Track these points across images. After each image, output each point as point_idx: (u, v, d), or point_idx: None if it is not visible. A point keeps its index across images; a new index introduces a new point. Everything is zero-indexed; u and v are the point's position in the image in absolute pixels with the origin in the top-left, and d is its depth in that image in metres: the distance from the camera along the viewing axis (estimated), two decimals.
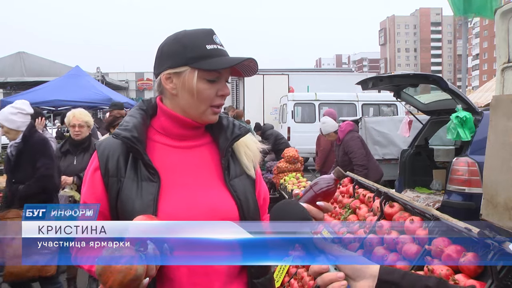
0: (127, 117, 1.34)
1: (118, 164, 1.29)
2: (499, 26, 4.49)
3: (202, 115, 1.32)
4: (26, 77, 13.70)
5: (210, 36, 1.31)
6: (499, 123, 3.54)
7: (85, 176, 1.36)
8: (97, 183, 1.29)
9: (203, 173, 1.34)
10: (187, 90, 1.29)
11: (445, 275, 1.73)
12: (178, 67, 1.29)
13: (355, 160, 5.42)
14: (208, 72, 1.28)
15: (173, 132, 1.35)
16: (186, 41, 1.30)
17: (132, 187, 1.26)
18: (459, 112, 4.87)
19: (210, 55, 1.28)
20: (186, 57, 1.28)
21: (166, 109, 1.34)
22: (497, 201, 3.49)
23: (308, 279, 3.04)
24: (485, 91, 13.48)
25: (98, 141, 1.36)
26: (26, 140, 3.59)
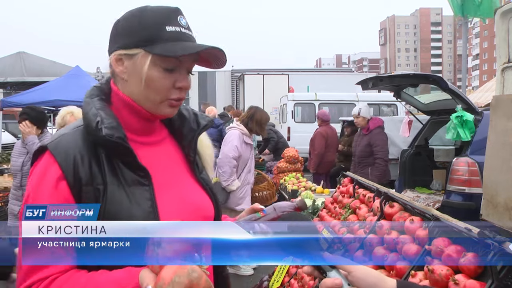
0: (100, 112, 1.09)
1: (92, 170, 1.05)
2: (499, 26, 4.49)
3: (156, 108, 1.13)
4: (26, 77, 13.69)
5: (173, 16, 1.10)
6: (499, 123, 3.54)
7: (34, 190, 1.04)
8: (63, 195, 1.02)
9: (174, 169, 1.21)
10: (138, 76, 1.09)
11: (445, 275, 1.72)
12: (130, 48, 1.09)
13: (380, 154, 5.55)
14: (164, 59, 1.07)
15: (134, 125, 1.15)
16: (144, 19, 1.09)
17: (121, 195, 1.06)
18: (459, 112, 4.87)
19: (169, 38, 1.07)
20: (140, 37, 1.08)
21: (122, 96, 1.13)
22: (497, 201, 3.49)
23: (308, 279, 3.03)
24: (485, 91, 13.47)
25: (50, 142, 1.08)
26: None
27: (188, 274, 0.87)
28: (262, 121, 4.74)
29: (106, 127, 1.06)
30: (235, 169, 4.60)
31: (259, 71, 17.94)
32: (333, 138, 7.85)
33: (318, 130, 7.87)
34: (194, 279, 0.87)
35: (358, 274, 0.96)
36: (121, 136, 1.07)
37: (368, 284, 0.94)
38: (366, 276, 0.95)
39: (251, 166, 4.83)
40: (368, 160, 5.71)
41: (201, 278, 0.88)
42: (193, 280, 0.87)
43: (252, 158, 4.87)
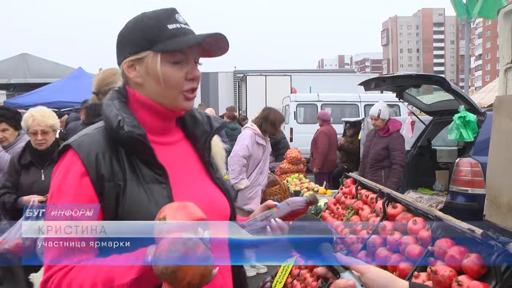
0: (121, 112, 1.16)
1: (113, 167, 1.11)
2: (502, 27, 4.48)
3: (174, 103, 1.19)
4: (29, 78, 13.73)
5: (172, 15, 1.18)
6: (502, 124, 3.53)
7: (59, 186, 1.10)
8: (86, 191, 1.08)
9: (191, 169, 1.26)
10: (152, 76, 1.16)
11: (448, 276, 1.72)
12: (139, 52, 1.16)
13: (398, 160, 5.33)
14: (172, 54, 1.14)
15: (152, 125, 1.21)
16: (145, 23, 1.17)
17: (139, 192, 1.11)
18: (462, 112, 4.86)
19: (173, 35, 1.14)
20: (145, 40, 1.15)
21: (141, 98, 1.19)
22: (500, 202, 3.48)
23: (310, 280, 3.03)
24: (488, 92, 13.45)
25: (73, 141, 1.14)
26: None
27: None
28: (276, 122, 4.77)
29: (127, 125, 1.12)
30: (245, 168, 4.63)
31: (261, 72, 17.94)
32: (334, 137, 7.89)
33: (320, 129, 7.89)
34: (190, 247, 0.89)
35: (371, 276, 0.97)
36: (141, 134, 1.13)
37: (380, 285, 0.95)
38: (379, 278, 0.96)
39: (264, 168, 4.84)
40: (383, 163, 5.45)
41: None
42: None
43: (266, 160, 4.87)
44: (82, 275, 1.00)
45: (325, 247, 1.02)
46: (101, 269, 0.99)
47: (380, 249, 2.32)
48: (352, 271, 0.98)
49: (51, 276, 1.03)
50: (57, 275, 1.02)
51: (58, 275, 1.02)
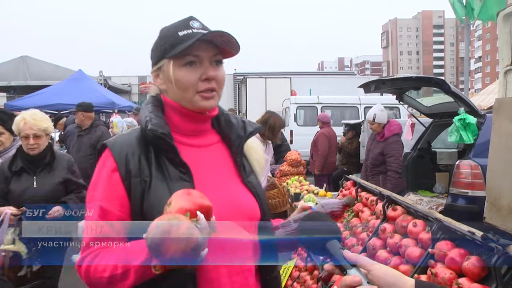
0: (150, 114, 1.26)
1: (141, 164, 1.21)
2: (502, 29, 4.48)
3: (192, 103, 1.26)
4: (30, 81, 13.75)
5: (186, 23, 1.25)
6: (502, 126, 3.53)
7: (95, 179, 1.25)
8: (116, 185, 1.20)
9: (222, 171, 1.32)
10: (170, 81, 1.25)
11: (449, 278, 1.71)
12: (158, 62, 1.28)
13: (393, 166, 5.22)
14: (182, 57, 1.22)
15: (183, 127, 1.30)
16: (162, 34, 1.28)
17: (163, 188, 1.19)
18: (462, 115, 4.86)
19: (182, 40, 1.21)
20: (162, 51, 1.26)
21: (169, 102, 1.29)
22: (500, 204, 3.47)
23: (311, 283, 3.02)
24: (488, 94, 13.44)
25: (109, 140, 1.29)
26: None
27: (169, 219, 0.97)
28: (276, 127, 4.61)
29: (152, 124, 1.22)
30: None
31: (261, 74, 17.94)
32: (334, 139, 7.91)
33: (320, 131, 7.90)
34: (173, 224, 0.96)
35: (378, 273, 0.97)
36: (164, 132, 1.21)
37: (387, 283, 0.96)
38: (385, 275, 0.97)
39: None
40: (380, 168, 5.43)
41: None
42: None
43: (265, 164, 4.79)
44: (107, 257, 1.13)
45: (333, 245, 1.04)
46: (123, 251, 1.11)
47: (380, 251, 2.32)
48: (359, 268, 0.99)
49: (85, 257, 1.16)
50: (89, 257, 1.16)
51: (90, 257, 1.16)
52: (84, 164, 5.46)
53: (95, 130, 5.87)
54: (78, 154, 5.65)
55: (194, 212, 1.02)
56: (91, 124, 5.90)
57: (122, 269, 1.09)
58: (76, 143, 5.91)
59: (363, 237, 2.62)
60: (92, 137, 5.78)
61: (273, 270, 1.36)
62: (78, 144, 5.87)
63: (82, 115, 5.85)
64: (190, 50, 1.21)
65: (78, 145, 5.85)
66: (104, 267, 1.12)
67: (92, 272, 1.14)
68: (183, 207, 1.02)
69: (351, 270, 0.99)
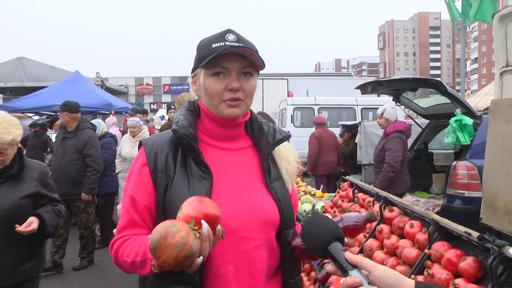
0: (180, 116, 1.38)
1: (167, 161, 1.32)
2: (497, 31, 4.50)
3: (218, 110, 1.34)
4: (26, 82, 13.70)
5: (221, 36, 1.32)
6: (498, 127, 3.55)
7: (130, 172, 1.38)
8: (145, 178, 1.32)
9: (246, 174, 1.38)
10: (201, 89, 1.36)
11: (445, 279, 1.72)
12: (195, 70, 1.38)
13: (388, 159, 5.10)
14: (211, 68, 1.31)
15: (214, 132, 1.39)
16: (200, 45, 1.37)
17: (183, 183, 1.29)
18: (458, 116, 4.88)
19: (213, 52, 1.28)
20: (198, 60, 1.35)
21: (203, 108, 1.39)
22: (496, 205, 3.49)
23: (308, 284, 3.03)
24: (484, 95, 13.51)
25: (145, 139, 1.42)
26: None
27: (167, 226, 1.04)
28: None
29: (177, 125, 1.33)
30: None
31: (258, 76, 17.95)
32: (328, 139, 7.89)
33: (312, 133, 7.95)
34: (170, 232, 1.03)
35: (378, 274, 0.99)
36: (186, 133, 1.31)
37: (387, 283, 0.97)
38: (386, 276, 0.98)
39: None
40: (381, 164, 5.27)
41: (177, 232, 1.03)
42: (169, 232, 1.03)
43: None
44: (132, 246, 1.25)
45: (335, 246, 1.06)
46: (144, 241, 1.19)
47: (377, 252, 2.32)
48: (360, 269, 1.00)
49: (117, 240, 1.31)
50: (119, 241, 1.30)
51: (120, 241, 1.30)
52: (70, 169, 5.25)
53: (81, 134, 5.37)
54: (64, 158, 5.29)
55: (199, 220, 1.07)
56: (77, 127, 5.39)
57: (141, 258, 1.21)
58: (61, 146, 5.40)
59: (360, 238, 2.63)
60: (78, 141, 5.33)
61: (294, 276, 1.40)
62: (63, 147, 5.37)
63: (67, 116, 5.33)
64: (219, 61, 1.29)
65: (63, 149, 5.36)
66: (129, 252, 1.25)
67: (119, 255, 1.29)
68: (189, 214, 1.08)
69: (353, 271, 1.00)
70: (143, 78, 30.10)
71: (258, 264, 1.30)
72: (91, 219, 5.55)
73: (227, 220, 1.22)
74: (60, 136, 5.54)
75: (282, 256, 1.36)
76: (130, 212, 1.31)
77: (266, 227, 1.33)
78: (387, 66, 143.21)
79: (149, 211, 1.31)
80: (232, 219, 1.26)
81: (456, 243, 1.85)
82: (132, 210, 1.31)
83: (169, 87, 28.16)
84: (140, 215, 1.31)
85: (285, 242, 1.36)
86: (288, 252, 1.36)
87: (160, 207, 1.30)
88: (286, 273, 1.37)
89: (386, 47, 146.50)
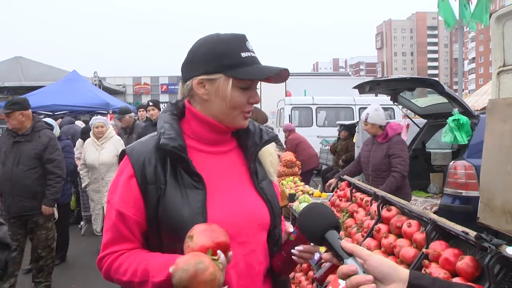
0: (165, 125, 1.30)
1: (156, 172, 1.25)
2: (494, 30, 4.51)
3: (233, 121, 1.32)
4: (24, 81, 13.66)
5: (243, 43, 1.30)
6: (495, 127, 3.56)
7: (114, 184, 1.30)
8: (133, 191, 1.25)
9: (235, 178, 1.36)
10: (220, 97, 1.28)
11: (443, 278, 1.72)
12: (213, 73, 1.27)
13: (400, 168, 4.46)
14: (243, 81, 1.28)
15: (204, 136, 1.34)
16: (221, 48, 1.28)
17: (176, 195, 1.23)
18: (455, 115, 4.89)
19: (245, 63, 1.27)
20: (221, 64, 1.27)
21: (199, 114, 1.33)
22: (494, 204, 3.50)
23: (305, 284, 3.03)
24: (482, 95, 13.52)
25: (128, 147, 1.33)
26: None
27: (195, 264, 1.04)
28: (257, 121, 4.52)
29: (164, 138, 1.25)
30: None
31: None
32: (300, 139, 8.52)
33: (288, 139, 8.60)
34: (199, 269, 1.03)
35: (373, 263, 0.99)
36: (175, 146, 1.24)
37: (382, 272, 0.98)
38: (381, 265, 0.99)
39: None
40: (387, 173, 4.61)
41: (206, 269, 1.03)
42: (198, 270, 1.03)
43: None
44: (127, 264, 1.21)
45: (331, 234, 1.07)
46: (143, 261, 1.19)
47: (374, 251, 2.33)
48: (356, 258, 1.01)
49: (105, 256, 1.26)
50: (110, 257, 1.25)
51: (111, 257, 1.25)
52: (27, 180, 4.24)
53: (38, 136, 4.35)
54: (17, 168, 4.23)
55: (215, 250, 1.09)
56: (32, 128, 4.33)
57: (140, 279, 1.17)
58: (12, 153, 4.27)
59: (357, 237, 2.63)
60: (37, 145, 4.30)
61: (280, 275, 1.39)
62: (16, 154, 4.27)
63: (21, 116, 4.25)
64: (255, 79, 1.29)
65: (15, 156, 4.26)
66: (124, 271, 1.21)
67: (112, 271, 1.24)
68: (205, 245, 1.08)
69: (348, 259, 1.01)
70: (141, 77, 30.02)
71: (256, 267, 1.31)
72: (51, 235, 4.51)
73: (224, 227, 1.19)
74: (7, 141, 4.36)
75: (271, 255, 1.37)
76: (118, 226, 1.24)
77: (260, 230, 1.33)
78: (385, 65, 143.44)
79: (138, 225, 1.25)
80: (230, 225, 1.23)
81: (454, 242, 1.86)
82: (121, 225, 1.24)
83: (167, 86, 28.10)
84: (129, 229, 1.25)
85: (273, 241, 1.37)
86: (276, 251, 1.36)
87: (152, 220, 1.24)
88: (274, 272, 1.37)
89: (384, 47, 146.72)
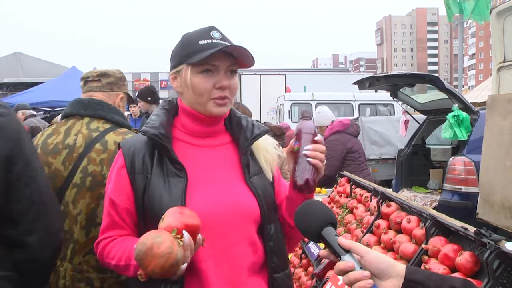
0: (153, 116, 1.38)
1: (144, 162, 1.33)
2: (495, 26, 4.50)
3: (205, 108, 1.34)
4: (23, 77, 13.64)
5: (207, 33, 1.33)
6: (495, 123, 3.55)
7: (110, 174, 1.40)
8: (123, 180, 1.34)
9: (224, 170, 1.39)
10: (186, 86, 1.34)
11: (442, 274, 1.73)
12: (177, 66, 1.36)
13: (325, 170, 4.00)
14: (199, 66, 1.30)
15: (193, 129, 1.39)
16: (184, 41, 1.36)
17: (159, 183, 1.30)
18: (455, 111, 4.89)
19: (201, 49, 1.29)
20: (182, 55, 1.34)
21: (183, 106, 1.39)
22: (493, 200, 3.50)
23: (305, 279, 3.03)
24: (481, 91, 13.49)
25: (122, 141, 1.42)
26: None
27: (153, 238, 1.10)
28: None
29: (147, 126, 1.34)
30: None
31: (256, 71, 17.89)
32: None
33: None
34: (156, 242, 1.08)
35: (370, 259, 1.00)
36: (155, 133, 1.31)
37: (379, 268, 0.99)
38: (378, 261, 1.00)
39: None
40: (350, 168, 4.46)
41: (162, 243, 1.08)
42: (154, 243, 1.08)
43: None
44: (116, 249, 1.30)
45: (328, 231, 1.07)
46: (129, 247, 1.24)
47: (374, 247, 2.33)
48: (353, 254, 1.02)
49: (101, 240, 1.36)
50: (104, 241, 1.35)
51: (104, 242, 1.35)
52: None
53: None
54: None
55: (181, 230, 1.12)
56: None
57: (124, 262, 1.26)
58: None
59: (357, 233, 2.64)
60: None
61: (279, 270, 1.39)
62: None
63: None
64: (209, 59, 1.29)
65: None
66: (113, 255, 1.30)
67: (105, 255, 1.33)
68: (171, 225, 1.13)
69: (345, 256, 1.02)
70: (141, 73, 30.00)
71: (239, 259, 1.31)
72: None
73: (204, 216, 1.22)
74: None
75: (266, 251, 1.36)
76: (111, 213, 1.34)
77: (245, 223, 1.34)
78: (384, 61, 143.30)
79: (129, 213, 1.33)
80: (209, 215, 1.27)
81: (453, 238, 1.86)
82: (113, 212, 1.33)
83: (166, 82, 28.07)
84: (120, 217, 1.33)
85: (267, 237, 1.36)
86: (271, 247, 1.36)
87: (139, 209, 1.32)
88: (270, 268, 1.37)
89: (383, 43, 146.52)
